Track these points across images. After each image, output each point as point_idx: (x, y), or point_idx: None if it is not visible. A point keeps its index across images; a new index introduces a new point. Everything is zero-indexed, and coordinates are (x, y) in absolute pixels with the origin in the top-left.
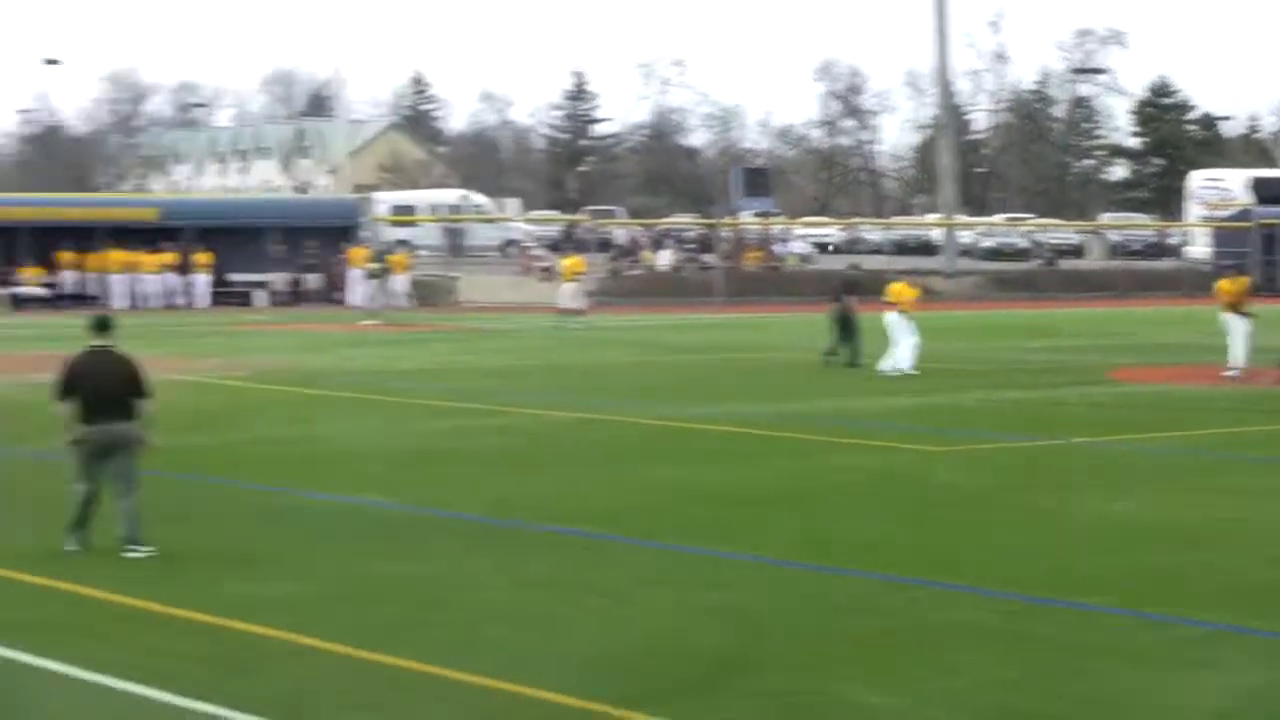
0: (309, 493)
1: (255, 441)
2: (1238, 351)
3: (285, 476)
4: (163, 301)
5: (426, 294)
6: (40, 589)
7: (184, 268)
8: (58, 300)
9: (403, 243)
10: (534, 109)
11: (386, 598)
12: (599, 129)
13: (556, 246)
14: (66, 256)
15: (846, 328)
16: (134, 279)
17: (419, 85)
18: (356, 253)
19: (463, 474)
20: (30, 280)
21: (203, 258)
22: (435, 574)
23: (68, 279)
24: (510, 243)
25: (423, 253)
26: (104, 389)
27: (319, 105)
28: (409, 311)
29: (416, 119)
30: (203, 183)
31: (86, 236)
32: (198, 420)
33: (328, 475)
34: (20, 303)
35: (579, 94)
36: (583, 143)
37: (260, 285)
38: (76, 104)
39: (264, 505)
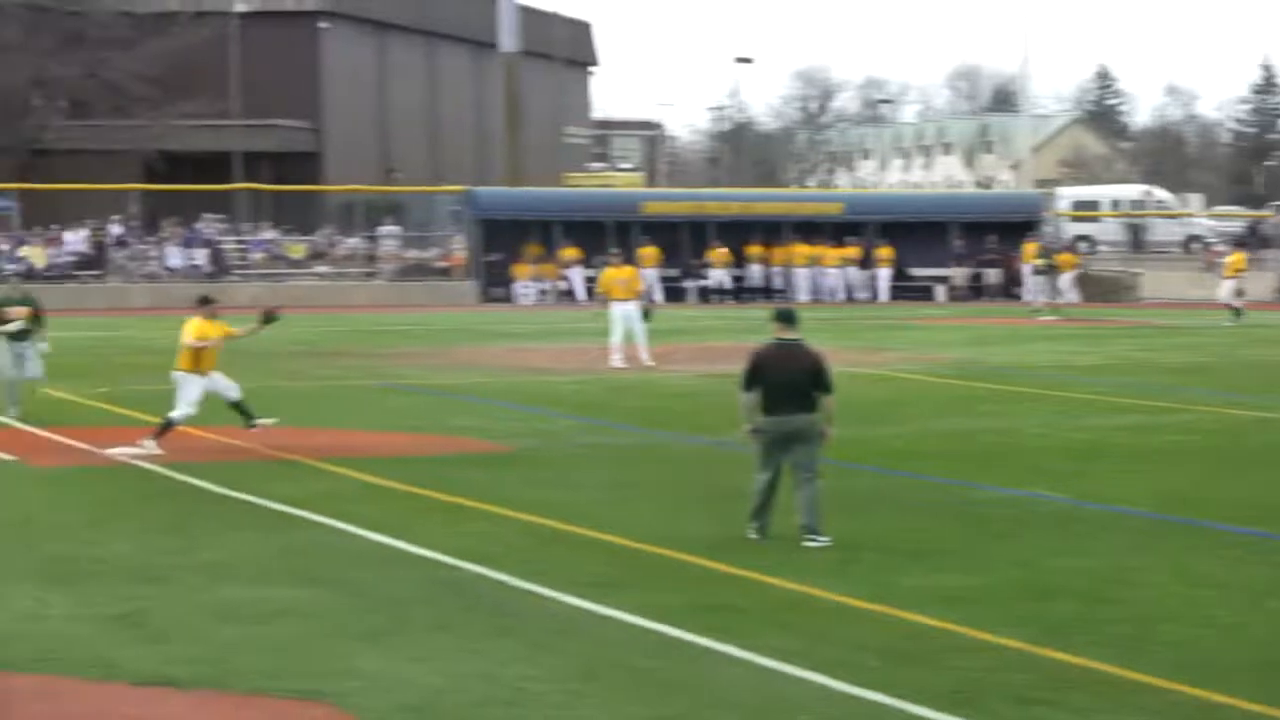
0: (981, 486)
1: (931, 434)
2: None
3: (959, 469)
4: (843, 295)
5: (1107, 289)
6: (720, 575)
7: (866, 262)
8: (742, 293)
9: (1083, 238)
10: (1220, 102)
11: (1056, 593)
12: None
13: (1241, 243)
14: (753, 250)
15: None
16: (817, 273)
17: (1103, 79)
18: (1029, 248)
19: (1136, 470)
20: (718, 272)
21: (884, 252)
22: (1106, 570)
23: (754, 272)
24: (1193, 238)
25: (1103, 248)
26: (787, 381)
27: (1003, 100)
28: (1074, 308)
29: (1100, 113)
30: (886, 178)
31: (773, 231)
32: (876, 412)
33: (1000, 469)
34: (707, 295)
35: (1268, 86)
36: (1270, 136)
37: (941, 280)
38: (766, 101)
39: (938, 499)
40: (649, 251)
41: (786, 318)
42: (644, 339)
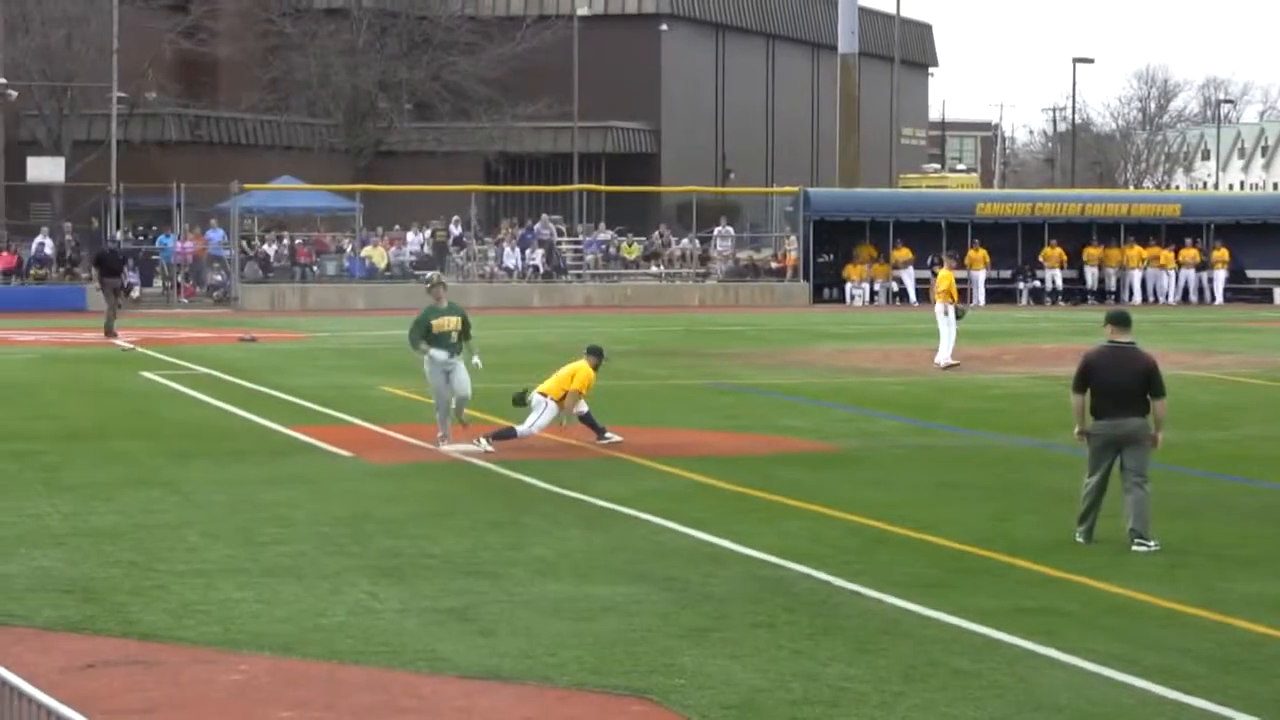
0: None
1: (1264, 439)
2: None
3: None
4: (1178, 298)
5: None
6: (1045, 578)
7: (1203, 264)
8: (1078, 294)
9: None
10: None
11: None
12: None
13: None
14: (1091, 252)
15: None
16: (1151, 274)
17: None
18: None
19: None
20: (1051, 273)
21: (1220, 254)
22: None
23: (1090, 274)
24: None
25: None
26: (1118, 384)
27: None
28: None
29: None
30: (1225, 179)
31: (1109, 232)
32: (1207, 416)
33: None
34: (1040, 296)
35: None
36: None
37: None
38: (1104, 101)
39: (1271, 504)
40: (979, 254)
41: (1120, 320)
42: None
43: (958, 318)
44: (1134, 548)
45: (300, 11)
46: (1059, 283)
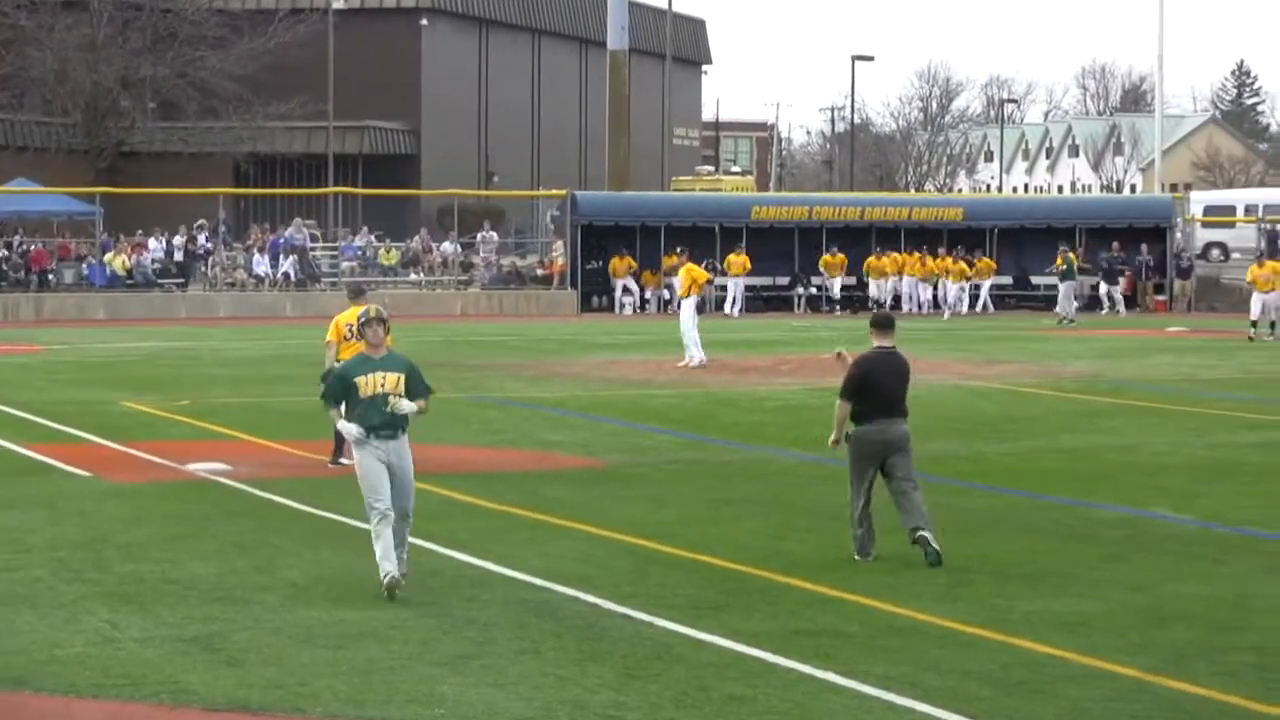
0: (1102, 506)
1: (1049, 452)
2: None
3: (1078, 489)
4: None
5: (1241, 300)
6: (822, 598)
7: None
8: (856, 301)
9: (1216, 246)
10: None
11: (1177, 620)
12: None
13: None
14: (873, 260)
15: None
16: (913, 283)
17: (1242, 76)
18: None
19: (1268, 490)
20: (830, 280)
21: (986, 263)
22: (1231, 596)
23: (875, 286)
24: None
25: (1238, 256)
26: (889, 389)
27: (1134, 99)
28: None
29: (1238, 113)
30: (1009, 181)
31: (891, 237)
32: (991, 427)
33: (1122, 488)
34: (817, 304)
35: None
36: None
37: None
38: (885, 101)
39: (1055, 519)
40: (739, 259)
41: (885, 324)
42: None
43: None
44: (919, 543)
45: (35, 3)
46: (836, 290)
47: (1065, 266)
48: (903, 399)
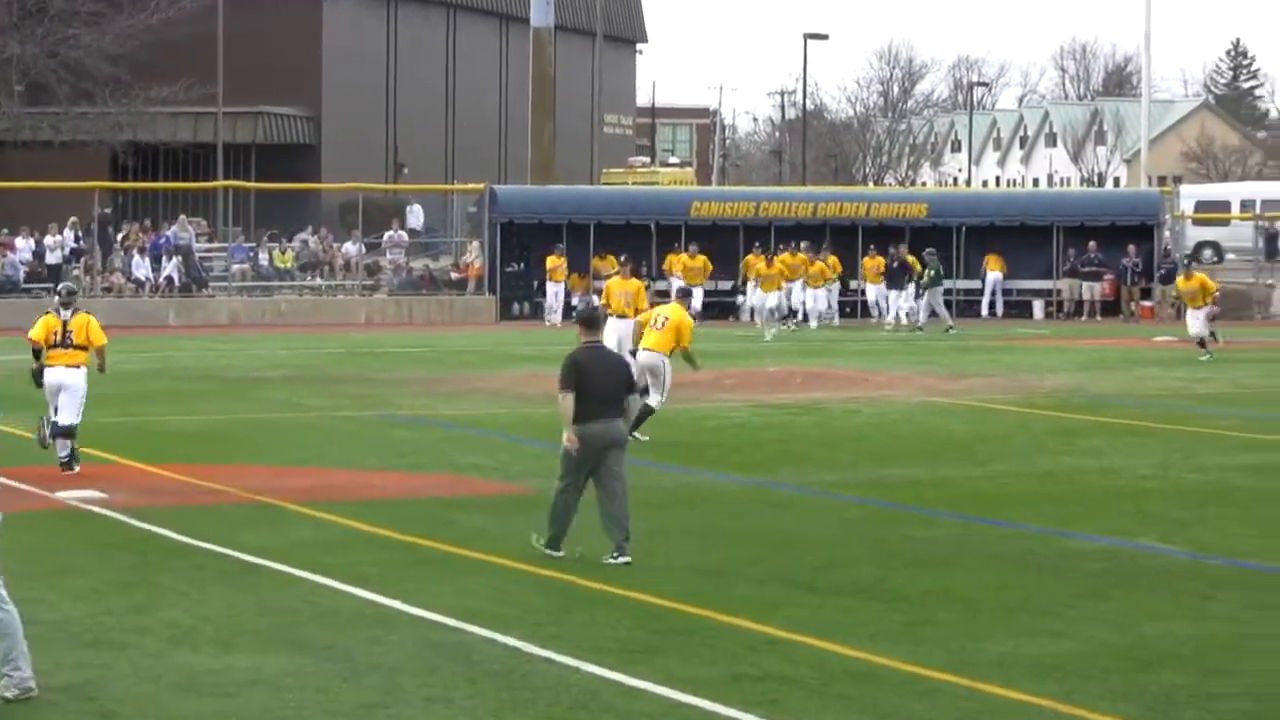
0: (1080, 535)
1: (1022, 475)
2: None
3: (1054, 516)
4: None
5: (1234, 306)
6: (768, 639)
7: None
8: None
9: (1208, 245)
10: None
11: (1164, 662)
12: None
13: None
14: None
15: None
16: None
17: (1237, 58)
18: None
19: (1264, 517)
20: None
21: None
22: (1222, 635)
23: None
24: None
25: (1232, 257)
26: (606, 385)
27: (1118, 83)
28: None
29: (1232, 98)
30: (979, 174)
31: (847, 236)
32: (958, 449)
33: (1102, 515)
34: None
35: None
36: None
37: (1041, 294)
38: (841, 84)
39: (1028, 550)
40: (692, 261)
41: (591, 321)
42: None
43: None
44: (611, 560)
45: None
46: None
47: (934, 272)
48: (620, 398)
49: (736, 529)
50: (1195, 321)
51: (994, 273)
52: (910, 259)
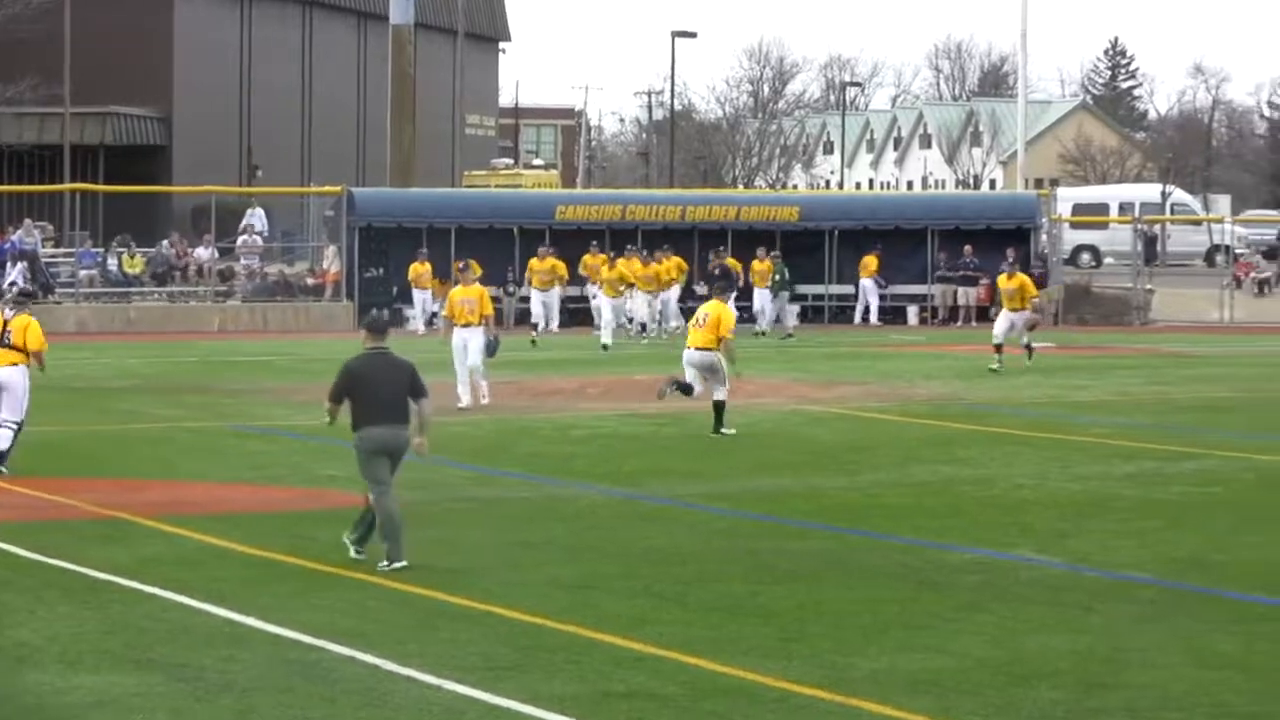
0: (956, 547)
1: (896, 485)
2: None
3: (929, 528)
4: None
5: (1112, 310)
6: (636, 655)
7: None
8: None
9: (1086, 249)
10: (1255, 86)
11: (1043, 677)
12: None
13: (1273, 254)
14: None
15: None
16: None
17: (1116, 57)
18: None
19: (1143, 528)
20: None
21: (764, 265)
22: (1102, 649)
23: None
24: (1218, 249)
25: (1110, 260)
26: (388, 391)
27: (994, 84)
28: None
29: (1111, 99)
30: (852, 176)
31: (716, 240)
32: (831, 458)
33: (979, 527)
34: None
35: None
36: None
37: (916, 299)
38: (709, 84)
39: (903, 563)
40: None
41: (376, 327)
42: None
43: (489, 353)
44: (384, 565)
45: None
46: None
47: (779, 277)
48: (403, 403)
49: (604, 542)
50: (1003, 323)
51: (867, 278)
52: (732, 263)
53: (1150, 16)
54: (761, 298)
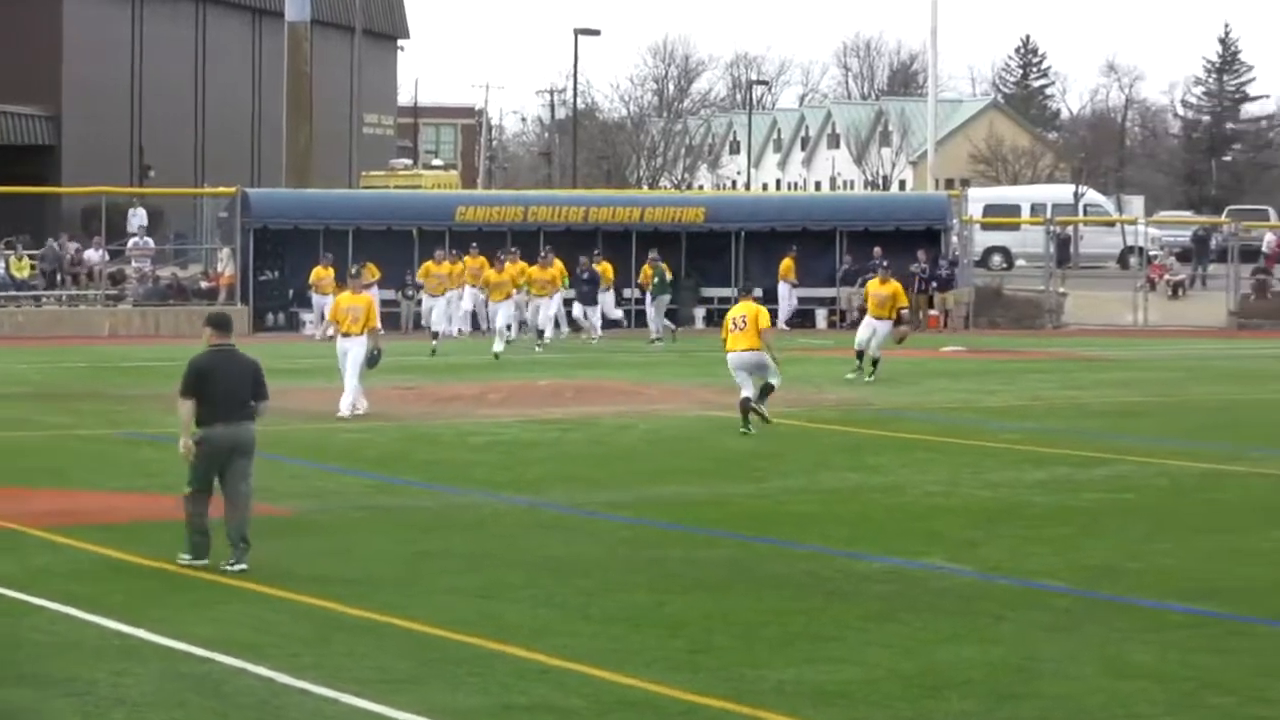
0: (864, 556)
1: (804, 493)
2: None
3: (837, 536)
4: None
5: (1024, 314)
6: (539, 667)
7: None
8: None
9: (998, 250)
10: (1169, 84)
11: (953, 688)
12: (1250, 109)
13: (1187, 255)
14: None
15: None
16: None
17: (1027, 55)
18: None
19: (1055, 535)
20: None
21: (604, 267)
22: (1013, 659)
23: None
24: (1132, 250)
25: (1022, 263)
26: (230, 389)
27: (904, 82)
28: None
29: (1022, 97)
30: (759, 177)
31: (621, 241)
32: (737, 465)
33: (888, 535)
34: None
35: (1227, 65)
36: (1229, 127)
37: (824, 302)
38: (613, 82)
39: (810, 571)
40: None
41: (220, 323)
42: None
43: (370, 364)
44: (228, 567)
45: None
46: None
47: (657, 280)
48: (248, 400)
49: (505, 552)
50: (865, 330)
51: (785, 282)
52: (604, 268)
53: (1062, 14)
54: (605, 301)
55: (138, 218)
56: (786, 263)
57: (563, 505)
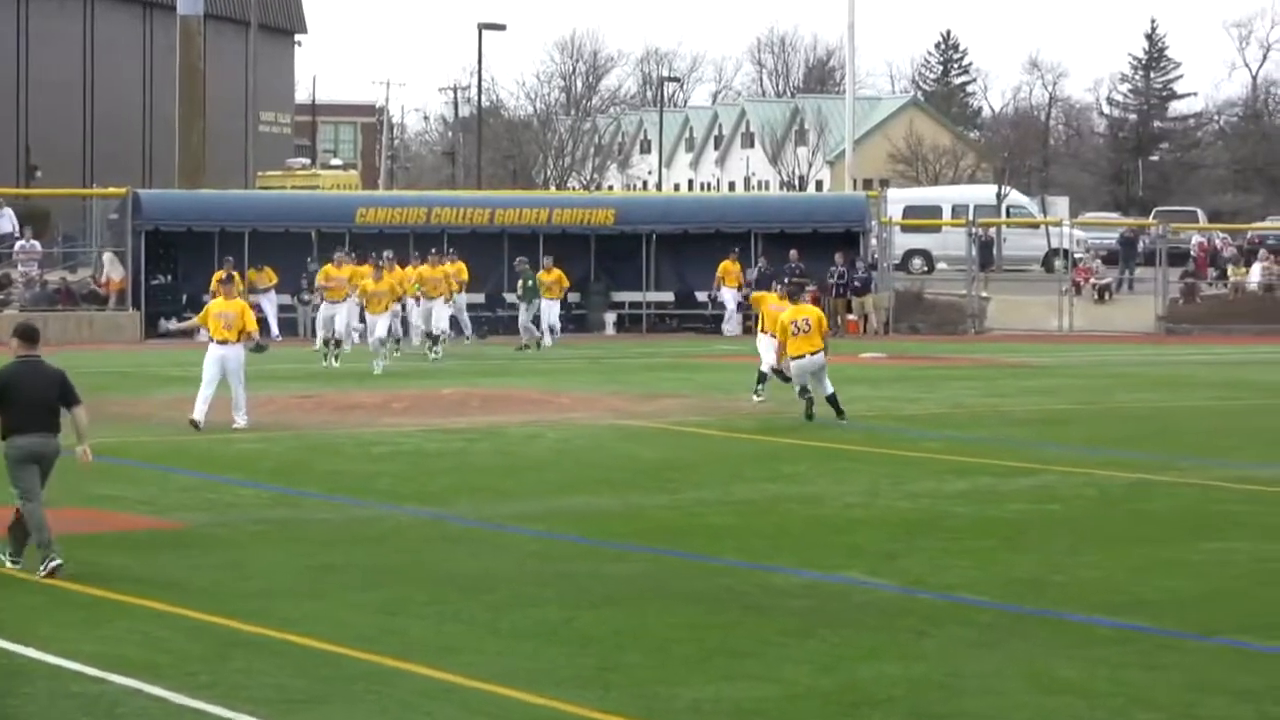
0: (782, 569)
1: (719, 504)
2: None
3: (753, 549)
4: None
5: (945, 319)
6: (444, 686)
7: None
8: (485, 325)
9: (918, 253)
10: (1094, 81)
11: (874, 705)
12: (1178, 107)
13: (1114, 258)
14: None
15: None
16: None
17: (949, 52)
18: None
19: (978, 548)
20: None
21: (457, 266)
22: (937, 675)
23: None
24: (1056, 253)
25: (943, 266)
26: (36, 400)
27: (820, 79)
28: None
29: (943, 95)
30: (671, 176)
31: (527, 244)
32: (649, 476)
33: (806, 548)
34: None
35: (1153, 62)
36: (1156, 125)
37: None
38: (519, 78)
39: (726, 586)
40: (264, 273)
41: (26, 334)
42: (241, 390)
43: (257, 350)
44: (42, 570)
45: None
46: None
47: (529, 284)
48: (54, 411)
49: (409, 566)
50: (769, 350)
51: (729, 288)
52: (556, 275)
53: (984, 9)
54: (548, 309)
55: (5, 217)
56: (727, 265)
57: (469, 518)
